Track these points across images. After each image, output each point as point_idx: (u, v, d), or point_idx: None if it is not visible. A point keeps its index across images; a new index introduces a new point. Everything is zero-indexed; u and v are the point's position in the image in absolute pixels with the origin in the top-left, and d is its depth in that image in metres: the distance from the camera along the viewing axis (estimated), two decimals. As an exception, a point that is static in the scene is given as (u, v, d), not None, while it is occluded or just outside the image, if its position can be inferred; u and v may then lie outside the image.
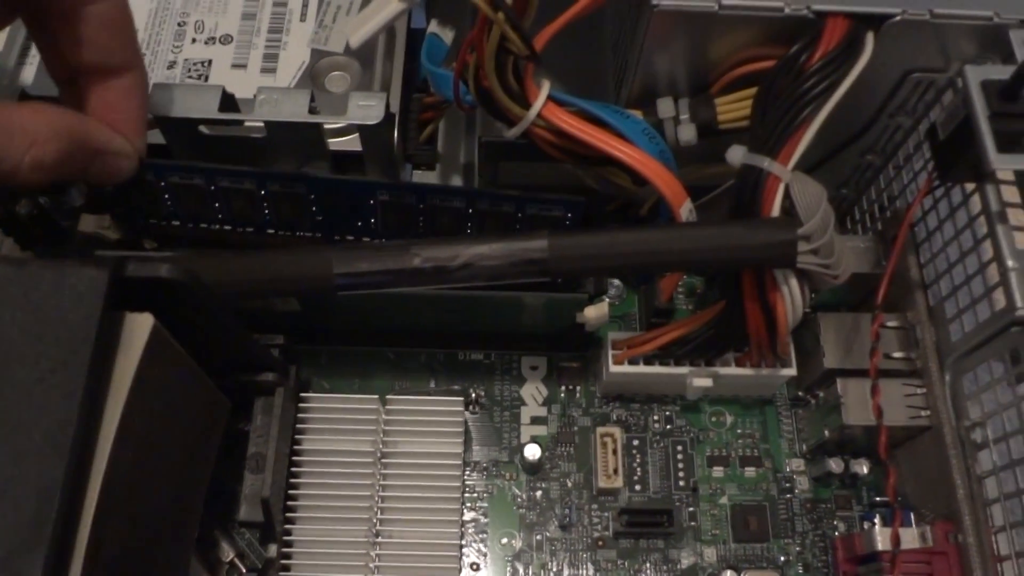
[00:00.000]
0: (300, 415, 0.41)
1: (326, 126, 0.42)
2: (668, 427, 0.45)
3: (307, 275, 0.36)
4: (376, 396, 0.42)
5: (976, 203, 0.37)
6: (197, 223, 0.41)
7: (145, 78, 0.35)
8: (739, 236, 0.35)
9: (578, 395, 0.45)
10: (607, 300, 0.42)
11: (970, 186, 0.38)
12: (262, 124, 0.41)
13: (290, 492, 0.40)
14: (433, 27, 0.46)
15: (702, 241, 0.35)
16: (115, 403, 0.30)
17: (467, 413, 0.44)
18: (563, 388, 0.46)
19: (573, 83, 0.48)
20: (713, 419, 0.45)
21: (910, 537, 0.38)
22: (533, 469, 0.43)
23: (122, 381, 0.30)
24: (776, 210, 0.36)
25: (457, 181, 0.52)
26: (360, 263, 0.36)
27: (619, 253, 0.35)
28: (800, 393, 0.45)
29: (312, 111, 0.41)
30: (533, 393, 0.45)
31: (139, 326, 0.31)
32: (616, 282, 0.48)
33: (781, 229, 0.34)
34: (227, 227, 0.41)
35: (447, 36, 0.47)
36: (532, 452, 0.42)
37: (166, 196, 0.39)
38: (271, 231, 0.41)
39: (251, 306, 0.41)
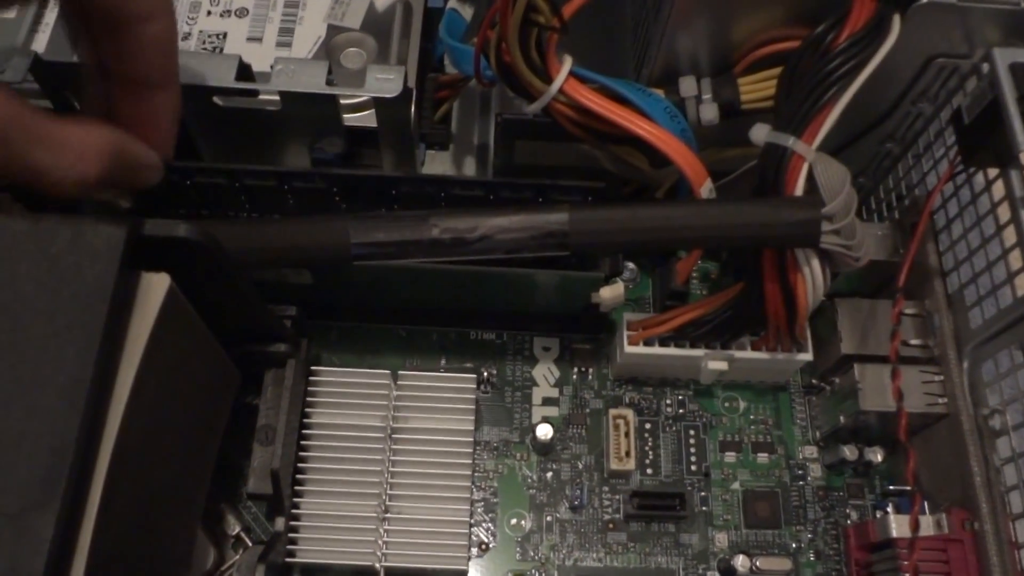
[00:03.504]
0: (310, 388, 0.41)
1: (342, 100, 0.42)
2: (681, 411, 0.45)
3: (324, 243, 0.36)
4: (388, 371, 0.41)
5: (999, 189, 0.37)
6: (225, 211, 0.40)
7: (180, 96, 0.35)
8: (763, 214, 0.34)
9: (590, 377, 0.45)
10: (622, 281, 0.42)
11: (993, 172, 0.38)
12: (277, 96, 0.40)
13: (299, 466, 0.40)
14: (453, 2, 0.46)
15: (725, 218, 0.34)
16: (130, 362, 0.29)
17: (478, 392, 0.44)
18: (576, 370, 0.45)
19: (592, 61, 0.47)
20: (726, 404, 0.45)
21: (925, 524, 0.38)
22: (544, 450, 0.43)
23: (137, 340, 0.30)
24: (799, 189, 0.35)
25: (471, 161, 0.52)
26: (377, 233, 0.36)
27: (641, 228, 0.35)
28: (814, 380, 0.45)
29: (329, 83, 0.41)
30: (545, 374, 0.45)
31: (155, 286, 0.31)
32: (631, 265, 0.47)
33: (805, 208, 0.34)
34: (254, 215, 0.41)
35: (466, 12, 0.46)
36: (544, 432, 0.42)
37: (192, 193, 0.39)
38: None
39: (263, 277, 0.40)
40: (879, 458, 0.42)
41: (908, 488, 0.41)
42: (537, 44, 0.38)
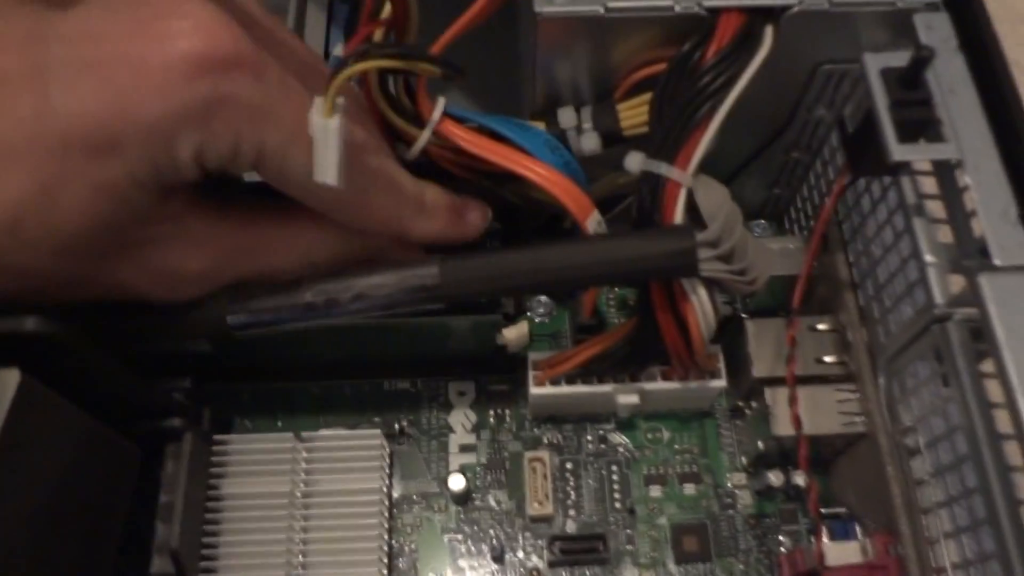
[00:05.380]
0: (215, 458, 0.40)
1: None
2: (602, 447, 0.43)
3: (199, 319, 0.35)
4: (291, 434, 0.40)
5: (894, 196, 0.35)
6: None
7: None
8: (635, 248, 0.33)
9: (508, 419, 0.44)
10: (527, 320, 0.41)
11: (888, 179, 0.36)
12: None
13: (207, 540, 0.39)
14: (337, 50, 0.45)
15: (598, 255, 0.33)
16: (-20, 465, 0.29)
17: (394, 445, 0.43)
18: (492, 413, 0.44)
19: (487, 97, 0.47)
20: (649, 436, 0.43)
21: (852, 551, 0.36)
22: (461, 499, 0.42)
23: (-13, 442, 0.29)
24: (679, 217, 0.34)
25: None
26: (252, 301, 0.35)
27: (514, 273, 0.33)
28: (739, 402, 0.43)
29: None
30: (462, 420, 0.44)
31: (4, 383, 0.30)
32: (544, 298, 0.46)
33: (677, 237, 0.33)
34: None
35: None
36: (456, 483, 0.41)
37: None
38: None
39: (158, 348, 0.40)
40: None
41: (841, 510, 0.40)
42: (406, 87, 0.37)
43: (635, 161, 0.35)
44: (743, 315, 0.43)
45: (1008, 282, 0.30)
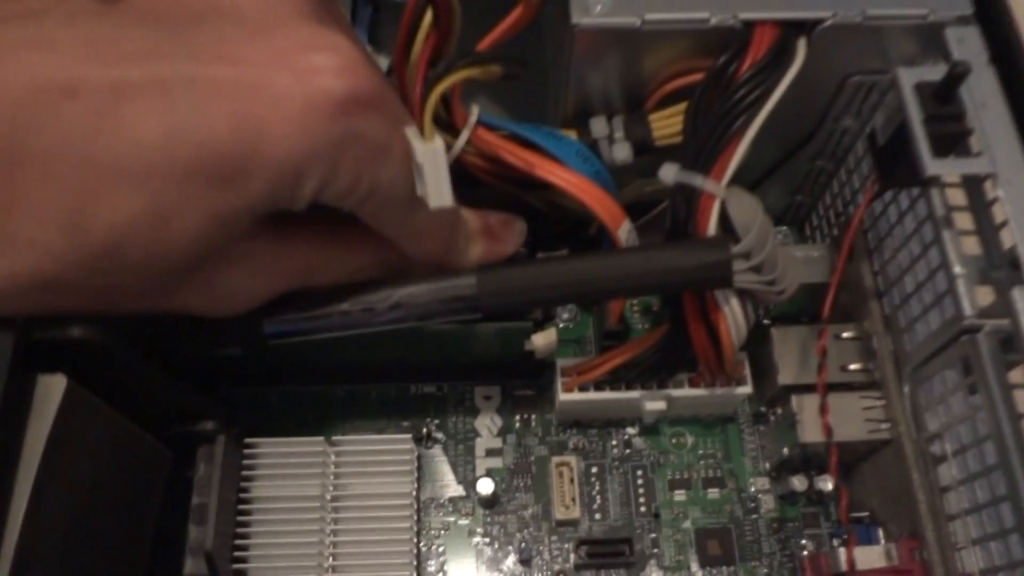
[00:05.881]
0: (246, 461, 0.40)
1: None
2: (627, 452, 0.44)
3: (236, 327, 0.35)
4: (322, 438, 0.41)
5: (923, 207, 0.36)
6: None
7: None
8: (671, 259, 0.33)
9: (534, 423, 0.44)
10: (555, 326, 0.41)
11: (916, 190, 0.37)
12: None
13: (238, 542, 0.39)
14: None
15: (634, 267, 0.34)
16: (28, 467, 0.29)
17: (421, 448, 0.43)
18: (518, 417, 0.44)
19: (515, 105, 0.47)
20: (673, 441, 0.44)
21: (876, 555, 0.37)
22: (489, 503, 0.42)
23: (35, 442, 0.30)
24: (712, 228, 0.34)
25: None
26: (288, 311, 0.35)
27: (550, 284, 0.34)
28: (763, 408, 0.44)
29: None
30: (488, 424, 0.44)
31: (52, 388, 0.30)
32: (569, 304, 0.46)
33: (713, 249, 0.33)
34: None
35: (382, 63, 0.46)
36: (485, 487, 0.41)
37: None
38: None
39: (192, 354, 0.40)
40: (830, 487, 0.41)
41: (863, 515, 0.41)
42: (442, 95, 0.37)
43: (670, 173, 0.35)
44: (765, 321, 0.44)
45: (1041, 295, 0.30)
